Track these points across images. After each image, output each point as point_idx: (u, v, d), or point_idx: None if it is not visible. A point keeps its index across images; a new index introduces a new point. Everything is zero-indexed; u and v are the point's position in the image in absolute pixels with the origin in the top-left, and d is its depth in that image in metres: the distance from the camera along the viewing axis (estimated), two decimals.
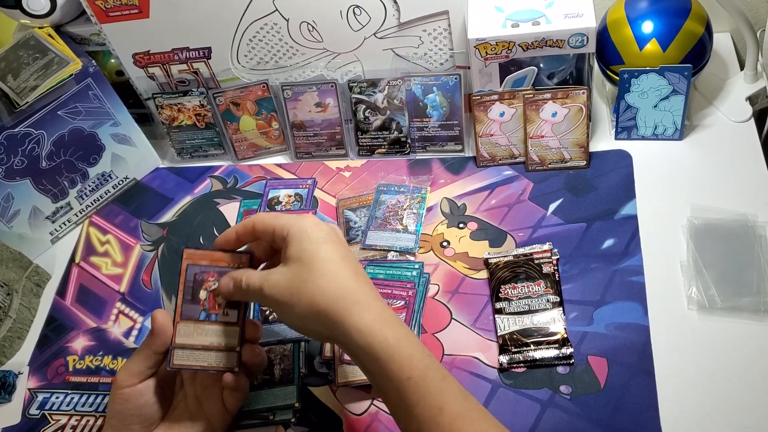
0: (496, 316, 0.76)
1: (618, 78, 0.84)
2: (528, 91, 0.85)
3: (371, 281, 0.61)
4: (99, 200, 0.98)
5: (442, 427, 0.54)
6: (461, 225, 0.86)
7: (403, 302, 0.78)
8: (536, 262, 0.79)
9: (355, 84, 0.90)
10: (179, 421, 0.68)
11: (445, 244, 0.84)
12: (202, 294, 0.66)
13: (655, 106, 0.85)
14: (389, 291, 0.79)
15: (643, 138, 0.89)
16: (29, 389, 0.82)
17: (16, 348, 0.86)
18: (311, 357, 0.78)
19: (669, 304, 0.75)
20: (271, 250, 0.67)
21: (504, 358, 0.73)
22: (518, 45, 0.81)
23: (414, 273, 0.80)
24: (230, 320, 0.66)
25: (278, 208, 0.91)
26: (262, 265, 0.68)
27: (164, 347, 0.66)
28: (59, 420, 0.79)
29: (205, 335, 0.66)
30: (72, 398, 0.80)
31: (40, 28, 0.91)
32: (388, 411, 0.66)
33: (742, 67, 0.93)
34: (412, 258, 0.83)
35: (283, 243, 0.61)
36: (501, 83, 0.86)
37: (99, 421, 0.78)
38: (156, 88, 0.96)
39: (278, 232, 0.62)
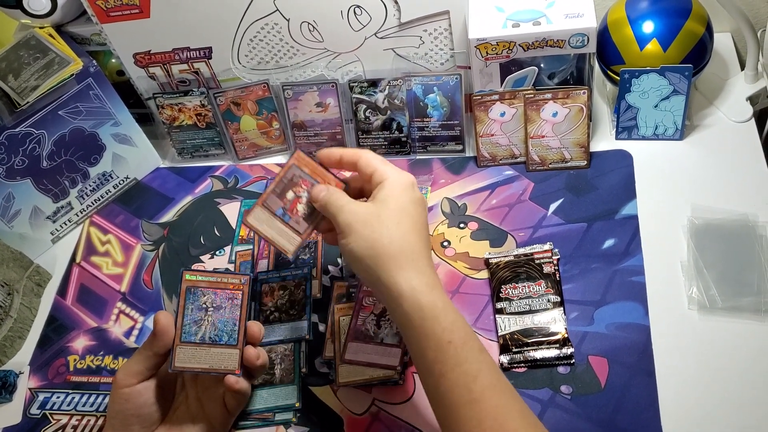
0: (496, 316, 0.76)
1: (618, 78, 0.84)
2: (529, 91, 0.85)
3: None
4: (100, 200, 0.98)
5: (473, 393, 0.56)
6: (462, 225, 0.86)
7: None
8: (537, 262, 0.79)
9: (356, 84, 0.90)
10: (181, 421, 0.68)
11: (445, 243, 0.84)
12: (289, 194, 0.70)
13: (656, 106, 0.85)
14: None
15: (644, 138, 0.89)
16: (30, 389, 0.82)
17: (17, 348, 0.86)
18: (312, 357, 0.78)
19: (669, 304, 0.75)
20: (358, 193, 0.70)
21: (505, 358, 0.73)
22: (519, 45, 0.81)
23: None
24: (299, 229, 0.70)
25: None
26: None
27: (165, 349, 0.66)
28: (60, 420, 0.79)
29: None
30: (73, 398, 0.80)
31: (40, 28, 0.91)
32: (388, 412, 0.66)
33: (742, 67, 0.93)
34: None
35: (376, 186, 0.65)
36: (501, 83, 0.86)
37: (100, 421, 0.78)
38: (157, 88, 0.96)
39: (378, 174, 0.65)
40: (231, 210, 0.94)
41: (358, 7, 0.84)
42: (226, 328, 0.68)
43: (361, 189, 0.69)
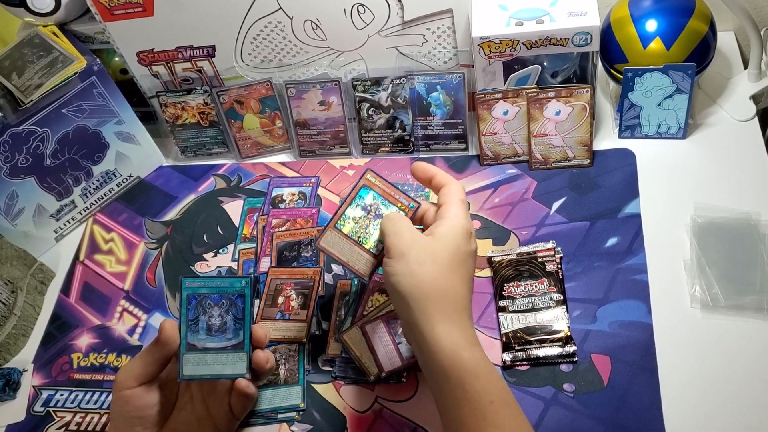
0: (499, 314, 0.77)
1: (622, 76, 0.84)
2: (532, 90, 0.85)
3: None
4: (103, 198, 0.98)
5: None
6: None
7: None
8: (540, 260, 0.79)
9: (359, 82, 0.90)
10: (185, 423, 0.68)
11: None
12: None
13: (659, 105, 0.85)
14: None
15: (647, 137, 0.89)
16: (34, 386, 0.82)
17: (21, 345, 0.86)
18: (315, 354, 0.78)
19: (672, 302, 0.75)
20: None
21: (507, 356, 0.73)
22: (522, 43, 0.81)
23: None
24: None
25: (282, 206, 0.92)
26: None
27: (167, 357, 0.66)
28: (64, 417, 0.79)
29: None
30: (76, 395, 0.81)
31: (44, 26, 0.91)
32: (391, 409, 0.66)
33: (745, 66, 0.93)
34: None
35: (438, 219, 0.63)
36: (505, 82, 0.86)
37: (103, 419, 0.78)
38: (160, 87, 0.96)
39: (445, 209, 0.63)
40: (234, 208, 0.94)
41: (362, 5, 0.85)
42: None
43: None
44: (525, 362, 0.73)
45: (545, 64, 0.85)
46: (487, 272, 0.81)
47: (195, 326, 0.66)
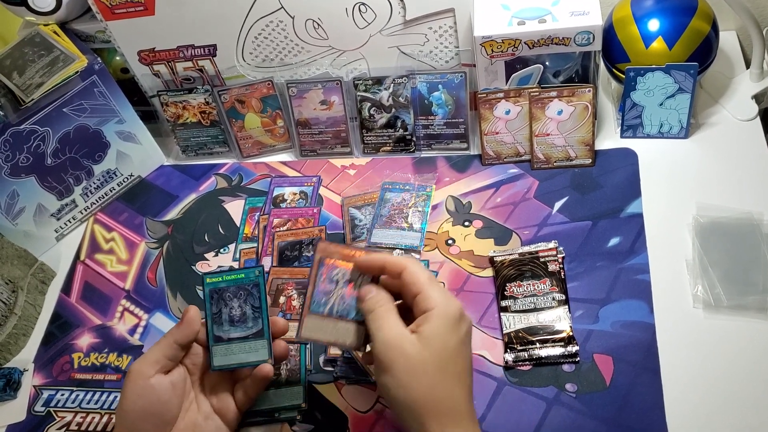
0: (501, 314, 0.76)
1: (624, 76, 0.84)
2: (534, 89, 0.85)
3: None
4: (104, 198, 0.98)
5: None
6: (466, 223, 0.86)
7: None
8: (542, 260, 0.79)
9: (361, 82, 0.90)
10: (193, 423, 0.67)
11: (450, 242, 0.84)
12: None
13: (661, 105, 0.85)
14: None
15: (649, 136, 0.89)
16: (34, 386, 0.82)
17: (21, 345, 0.86)
18: (317, 354, 0.78)
19: (675, 302, 0.75)
20: (392, 293, 0.64)
21: (509, 356, 0.73)
22: (524, 43, 0.81)
23: None
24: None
25: (283, 205, 0.91)
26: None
27: (188, 339, 0.66)
28: (64, 417, 0.79)
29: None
30: (77, 395, 0.80)
31: (45, 25, 0.91)
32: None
33: (747, 66, 0.93)
34: (417, 256, 0.83)
35: (421, 311, 0.59)
36: (507, 81, 0.86)
37: (104, 419, 0.78)
38: (161, 86, 0.96)
39: (424, 300, 0.59)
40: (235, 208, 0.93)
41: (363, 4, 0.84)
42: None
43: (399, 293, 0.64)
44: (527, 362, 0.73)
45: (547, 63, 0.85)
46: (489, 272, 0.81)
47: (219, 319, 0.69)
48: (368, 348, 0.63)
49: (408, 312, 0.61)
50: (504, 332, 0.75)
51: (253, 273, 0.70)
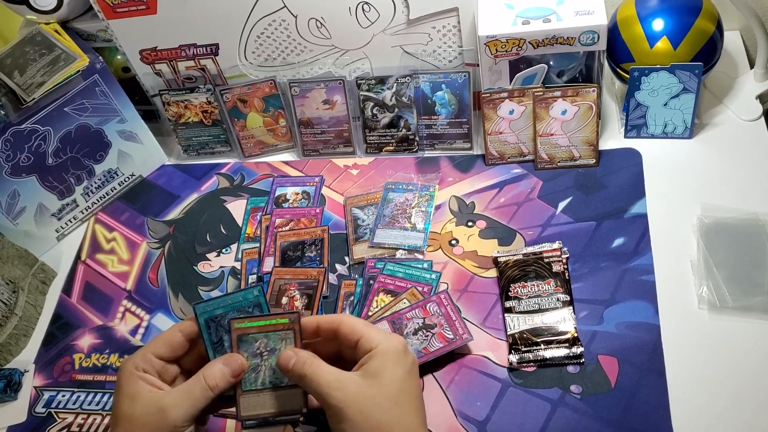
0: (505, 314, 0.76)
1: (628, 76, 0.83)
2: (538, 89, 0.84)
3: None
4: (105, 197, 0.97)
5: None
6: (470, 223, 0.85)
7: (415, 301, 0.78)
8: (546, 260, 0.78)
9: (364, 81, 0.89)
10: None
11: (453, 242, 0.84)
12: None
13: (665, 105, 0.85)
14: (406, 285, 0.79)
15: (653, 136, 0.89)
16: (35, 387, 0.81)
17: (22, 346, 0.85)
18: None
19: (679, 303, 0.74)
20: (333, 354, 0.62)
21: (514, 357, 0.73)
22: (528, 42, 0.81)
23: (432, 276, 0.80)
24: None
25: (285, 205, 0.91)
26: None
27: (194, 332, 0.63)
28: (65, 418, 0.78)
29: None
30: (78, 396, 0.80)
31: (46, 24, 0.91)
32: None
33: (752, 66, 0.93)
34: (420, 256, 0.83)
35: (363, 354, 0.59)
36: (510, 81, 0.86)
37: (105, 420, 0.78)
38: (163, 85, 0.96)
39: (366, 342, 0.59)
40: (237, 208, 0.93)
41: (367, 3, 0.84)
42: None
43: (337, 352, 0.62)
44: (531, 363, 0.72)
45: (551, 63, 0.85)
46: (492, 272, 0.80)
47: (221, 347, 0.63)
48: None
49: (349, 366, 0.60)
50: (508, 333, 0.75)
51: (251, 293, 0.63)
